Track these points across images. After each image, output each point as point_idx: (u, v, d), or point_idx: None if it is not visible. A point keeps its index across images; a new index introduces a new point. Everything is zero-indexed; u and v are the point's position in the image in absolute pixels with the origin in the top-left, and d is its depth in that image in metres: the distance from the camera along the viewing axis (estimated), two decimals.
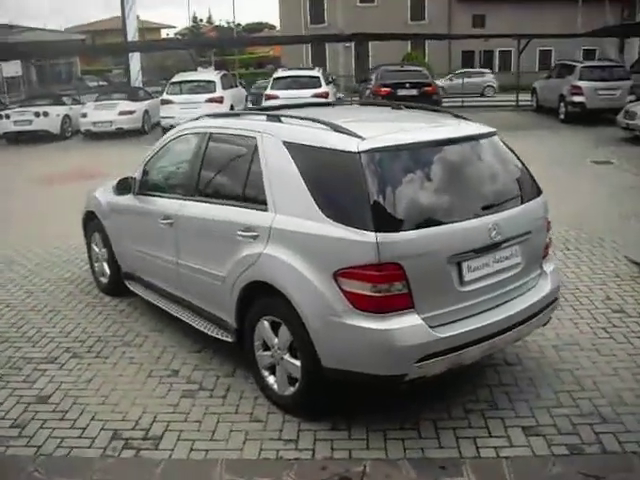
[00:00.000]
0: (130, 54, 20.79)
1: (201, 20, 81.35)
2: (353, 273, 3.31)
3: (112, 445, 3.60)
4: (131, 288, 5.37)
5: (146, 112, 17.63)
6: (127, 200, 5.20)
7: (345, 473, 3.30)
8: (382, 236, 3.25)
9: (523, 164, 4.07)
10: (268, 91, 16.95)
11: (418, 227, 3.35)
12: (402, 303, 3.31)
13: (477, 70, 36.71)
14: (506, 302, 3.72)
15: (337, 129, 3.63)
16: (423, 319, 3.34)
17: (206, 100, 16.00)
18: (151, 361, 4.60)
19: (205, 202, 4.34)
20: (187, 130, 4.79)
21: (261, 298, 3.86)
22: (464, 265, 3.49)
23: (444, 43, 38.53)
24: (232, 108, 17.24)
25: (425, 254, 3.35)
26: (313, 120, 3.84)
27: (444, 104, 18.21)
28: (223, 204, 4.17)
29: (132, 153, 15.45)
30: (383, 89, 17.09)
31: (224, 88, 17.05)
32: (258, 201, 3.87)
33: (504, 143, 4.05)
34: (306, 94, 16.40)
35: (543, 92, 19.96)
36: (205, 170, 4.44)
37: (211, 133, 4.44)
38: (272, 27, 75.07)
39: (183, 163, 4.78)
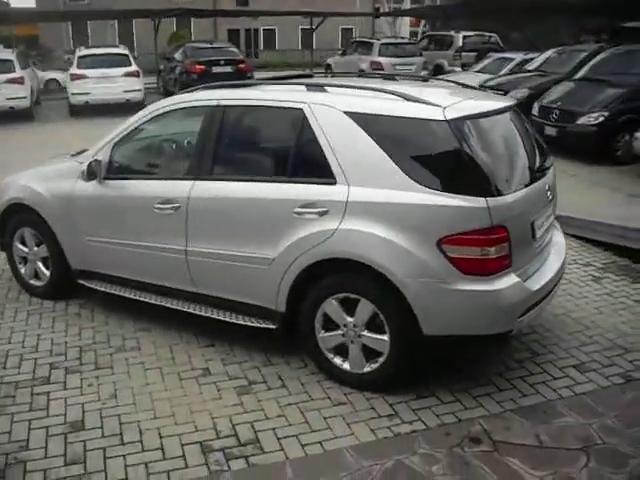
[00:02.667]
0: None
1: None
2: (462, 239, 3.32)
3: (212, 459, 3.19)
4: (98, 288, 4.67)
5: None
6: (89, 187, 4.48)
7: (470, 434, 3.35)
8: (491, 200, 3.31)
9: None
10: (74, 70, 15.35)
11: (513, 190, 3.48)
12: (505, 264, 3.41)
13: None
14: (551, 255, 4.04)
15: (409, 98, 3.57)
16: (517, 276, 3.51)
17: (6, 80, 14.01)
18: (167, 363, 4.09)
19: (232, 181, 3.95)
20: (181, 104, 4.26)
21: (330, 276, 3.67)
22: (535, 223, 3.71)
23: (210, 22, 38.20)
24: (32, 90, 15.37)
25: (520, 215, 3.50)
26: (369, 89, 3.73)
27: None
28: (263, 181, 3.84)
29: None
30: (197, 66, 16.58)
31: (22, 68, 15.05)
32: (320, 175, 3.65)
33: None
34: (117, 72, 15.34)
35: (339, 68, 21.04)
36: (226, 147, 4.02)
37: (226, 105, 4.02)
38: (6, 3, 67.46)
39: (183, 140, 4.27)
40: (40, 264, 4.96)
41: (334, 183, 3.59)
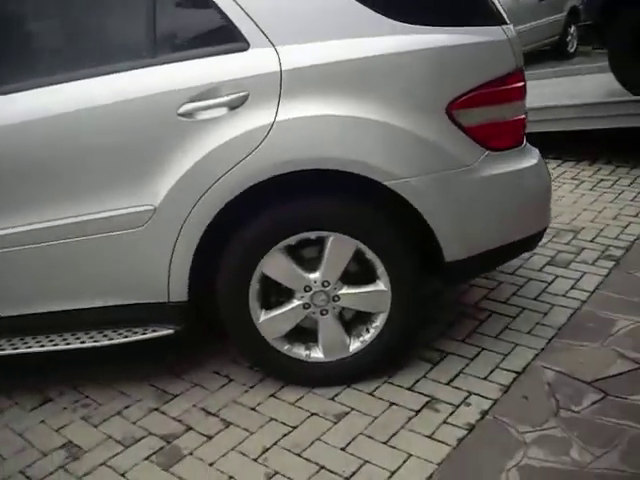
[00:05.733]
0: None
1: None
2: (483, 94, 2.07)
3: None
4: None
5: None
6: None
7: (553, 389, 2.19)
8: (507, 30, 2.13)
9: None
10: None
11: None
12: (525, 125, 2.30)
13: None
14: None
15: None
16: None
17: None
18: (130, 432, 2.11)
19: (35, 87, 2.07)
20: None
21: (267, 213, 2.11)
22: None
23: None
24: None
25: None
26: None
27: None
28: (103, 74, 2.05)
29: None
30: None
31: None
32: (213, 41, 2.03)
33: None
34: None
35: None
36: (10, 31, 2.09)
37: None
38: None
39: None
40: None
41: (245, 48, 2.01)
